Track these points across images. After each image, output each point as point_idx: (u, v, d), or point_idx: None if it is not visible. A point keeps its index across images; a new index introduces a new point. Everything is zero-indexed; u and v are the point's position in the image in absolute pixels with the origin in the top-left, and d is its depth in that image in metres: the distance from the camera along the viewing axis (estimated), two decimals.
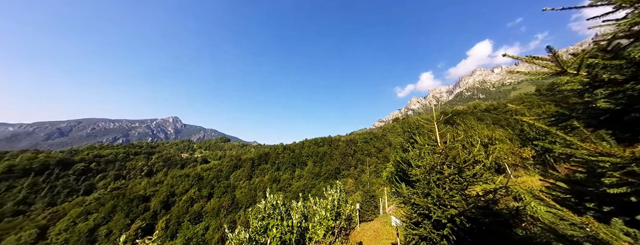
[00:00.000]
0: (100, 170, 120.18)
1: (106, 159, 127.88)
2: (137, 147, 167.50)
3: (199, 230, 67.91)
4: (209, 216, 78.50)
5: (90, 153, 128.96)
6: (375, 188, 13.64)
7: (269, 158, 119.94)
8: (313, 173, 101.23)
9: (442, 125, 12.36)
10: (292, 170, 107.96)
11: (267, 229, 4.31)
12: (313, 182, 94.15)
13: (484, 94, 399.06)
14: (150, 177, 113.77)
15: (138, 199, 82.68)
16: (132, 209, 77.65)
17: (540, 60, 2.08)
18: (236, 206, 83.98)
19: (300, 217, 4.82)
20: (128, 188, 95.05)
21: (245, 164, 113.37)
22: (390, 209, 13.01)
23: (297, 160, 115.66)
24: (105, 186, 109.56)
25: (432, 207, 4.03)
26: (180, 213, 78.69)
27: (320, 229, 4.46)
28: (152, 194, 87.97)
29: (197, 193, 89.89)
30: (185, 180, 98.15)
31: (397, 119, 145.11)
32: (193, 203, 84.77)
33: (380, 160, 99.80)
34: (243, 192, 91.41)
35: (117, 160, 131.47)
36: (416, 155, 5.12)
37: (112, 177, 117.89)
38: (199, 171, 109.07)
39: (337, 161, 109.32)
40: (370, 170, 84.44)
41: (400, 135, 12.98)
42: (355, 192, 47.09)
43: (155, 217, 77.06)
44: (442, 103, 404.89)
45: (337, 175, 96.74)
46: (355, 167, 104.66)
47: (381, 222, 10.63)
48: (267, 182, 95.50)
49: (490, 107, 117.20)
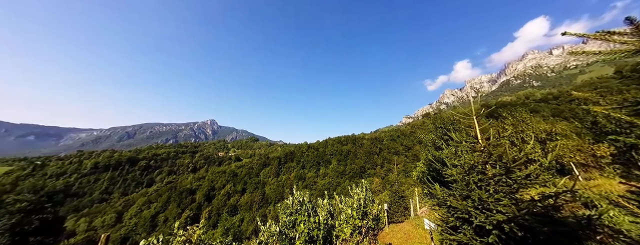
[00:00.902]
0: (157, 166, 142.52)
1: (161, 157, 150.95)
2: (183, 147, 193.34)
3: (236, 221, 74.88)
4: (243, 209, 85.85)
5: (149, 152, 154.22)
6: (405, 188, 12.80)
7: (294, 156, 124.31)
8: (337, 171, 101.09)
9: (483, 119, 10.94)
10: (317, 169, 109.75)
11: (295, 224, 4.48)
12: (338, 180, 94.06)
13: (539, 81, 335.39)
14: (195, 173, 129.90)
15: (186, 191, 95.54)
16: (182, 200, 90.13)
17: (618, 35, 1.65)
18: (266, 201, 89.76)
19: (327, 214, 4.89)
20: (178, 182, 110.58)
21: (272, 162, 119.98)
22: (422, 211, 12.11)
23: (321, 158, 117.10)
24: (161, 180, 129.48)
25: (473, 211, 3.61)
26: (220, 205, 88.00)
27: (347, 228, 4.44)
28: (196, 187, 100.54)
29: (233, 188, 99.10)
30: (222, 177, 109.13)
31: (428, 115, 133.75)
32: (229, 197, 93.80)
33: (410, 159, 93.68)
34: (272, 188, 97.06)
35: (169, 158, 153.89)
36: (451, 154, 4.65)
37: (166, 172, 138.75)
38: (234, 168, 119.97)
39: (361, 160, 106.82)
40: (399, 169, 79.98)
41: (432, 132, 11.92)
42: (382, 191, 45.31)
43: (200, 208, 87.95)
44: (483, 94, 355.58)
45: (363, 174, 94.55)
46: (382, 166, 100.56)
47: (412, 224, 9.99)
48: (293, 180, 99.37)
49: (549, 97, 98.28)
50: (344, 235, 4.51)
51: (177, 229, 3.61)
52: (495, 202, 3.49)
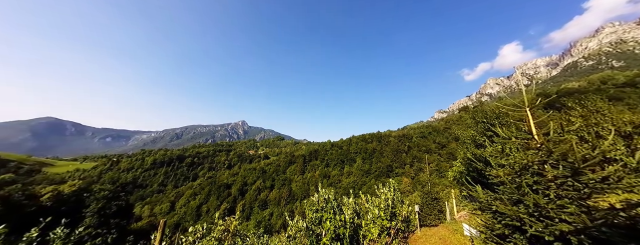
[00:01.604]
0: (200, 163, 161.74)
1: (202, 155, 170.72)
2: (220, 146, 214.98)
3: (266, 215, 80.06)
4: (272, 204, 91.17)
5: (193, 151, 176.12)
6: (439, 189, 11.61)
7: (319, 155, 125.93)
8: (362, 170, 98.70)
9: (539, 111, 9.24)
10: (341, 167, 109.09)
11: (321, 221, 4.54)
12: (363, 179, 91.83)
13: (621, 61, 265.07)
14: (230, 169, 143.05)
15: (223, 186, 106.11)
16: (220, 194, 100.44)
17: None
18: (293, 197, 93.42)
19: (352, 213, 4.82)
20: (217, 177, 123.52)
21: (298, 160, 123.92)
22: (460, 215, 10.91)
23: (345, 157, 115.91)
24: (203, 175, 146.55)
25: (527, 219, 3.08)
26: (252, 199, 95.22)
27: (374, 228, 4.31)
28: (232, 182, 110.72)
29: (262, 184, 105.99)
30: (253, 173, 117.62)
31: (466, 108, 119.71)
32: (260, 192, 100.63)
33: (444, 158, 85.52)
34: (298, 185, 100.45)
35: (209, 155, 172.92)
36: (497, 152, 4.07)
37: (206, 168, 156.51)
38: (263, 165, 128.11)
39: (388, 158, 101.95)
40: (431, 169, 73.71)
41: (472, 127, 10.58)
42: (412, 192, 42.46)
43: (235, 201, 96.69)
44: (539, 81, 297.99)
45: (389, 174, 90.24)
46: (411, 165, 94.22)
47: (449, 229, 9.11)
48: (318, 177, 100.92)
49: (637, 79, 77.30)
50: (371, 235, 4.39)
51: (217, 219, 4.04)
52: (558, 209, 2.92)
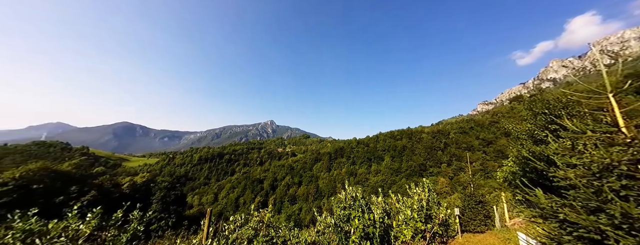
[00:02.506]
0: (236, 160, 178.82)
1: (238, 152, 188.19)
2: (252, 144, 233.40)
3: (296, 210, 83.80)
4: (301, 200, 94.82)
5: (230, 148, 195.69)
6: (485, 192, 10.09)
7: (344, 152, 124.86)
8: (391, 169, 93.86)
9: (630, 97, 7.24)
10: (368, 165, 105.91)
11: (349, 218, 4.51)
12: (392, 178, 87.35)
13: None
14: (262, 166, 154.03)
15: (256, 181, 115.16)
16: (254, 188, 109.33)
17: None
18: (320, 194, 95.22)
19: (382, 212, 4.65)
20: (251, 173, 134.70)
21: (323, 158, 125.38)
22: (514, 222, 9.37)
23: (372, 154, 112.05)
24: (239, 170, 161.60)
25: (611, 232, 2.45)
26: (282, 194, 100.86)
27: (407, 230, 4.07)
28: (263, 178, 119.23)
29: (291, 180, 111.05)
30: (282, 170, 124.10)
31: (520, 98, 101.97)
32: (289, 188, 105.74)
33: (490, 156, 74.85)
34: (324, 183, 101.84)
35: (243, 153, 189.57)
36: (565, 148, 3.36)
37: (242, 164, 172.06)
38: (291, 162, 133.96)
39: (420, 156, 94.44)
40: (474, 168, 65.36)
41: (528, 120, 8.89)
42: (450, 194, 38.34)
43: (267, 195, 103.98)
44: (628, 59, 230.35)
45: (423, 173, 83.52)
46: (449, 164, 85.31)
47: (499, 238, 7.94)
48: (344, 175, 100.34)
49: None
50: (403, 237, 4.16)
51: (252, 211, 4.41)
52: None
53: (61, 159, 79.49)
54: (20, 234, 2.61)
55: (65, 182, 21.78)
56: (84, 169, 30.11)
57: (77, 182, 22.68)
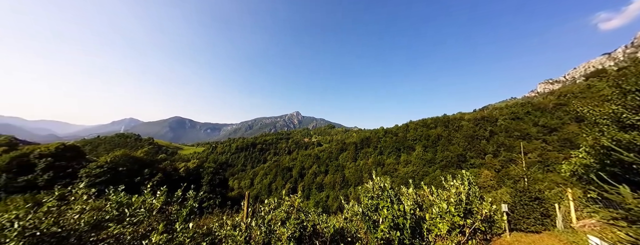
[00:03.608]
0: (267, 149, 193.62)
1: (268, 142, 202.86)
2: (280, 135, 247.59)
3: (323, 197, 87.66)
4: (327, 187, 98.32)
5: (261, 139, 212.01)
6: (543, 187, 8.46)
7: (371, 142, 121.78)
8: (424, 159, 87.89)
9: None
10: (397, 155, 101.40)
11: (377, 208, 4.46)
12: (425, 169, 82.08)
13: None
14: (290, 155, 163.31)
15: (286, 168, 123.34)
16: (284, 175, 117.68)
17: None
18: (346, 183, 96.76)
19: (413, 204, 4.46)
20: (280, 161, 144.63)
21: (349, 148, 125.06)
22: (583, 223, 7.84)
23: (401, 144, 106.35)
24: (270, 159, 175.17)
25: None
26: (309, 182, 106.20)
27: (442, 223, 3.82)
28: (292, 166, 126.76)
29: (318, 169, 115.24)
30: (309, 159, 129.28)
31: (602, 72, 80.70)
32: (316, 176, 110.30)
33: (554, 146, 62.97)
34: (351, 172, 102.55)
35: (273, 143, 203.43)
36: None
37: (272, 153, 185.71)
38: (317, 152, 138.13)
39: (459, 146, 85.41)
40: (530, 160, 56.16)
41: (615, 100, 6.92)
42: (497, 188, 34.18)
43: (296, 182, 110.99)
44: None
45: (461, 164, 75.88)
46: (495, 155, 75.18)
47: (561, 240, 6.82)
48: (371, 165, 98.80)
49: None
50: (437, 230, 3.93)
51: (284, 195, 4.76)
52: None
53: (135, 148, 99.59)
54: (114, 204, 3.42)
55: (140, 166, 27.35)
56: (151, 156, 37.14)
57: (147, 166, 28.22)
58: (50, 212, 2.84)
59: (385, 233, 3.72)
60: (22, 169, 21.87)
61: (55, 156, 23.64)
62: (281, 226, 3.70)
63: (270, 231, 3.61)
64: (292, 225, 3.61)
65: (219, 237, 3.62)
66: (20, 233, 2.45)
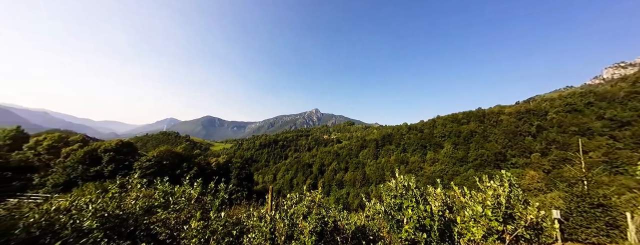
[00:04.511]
0: (287, 146, 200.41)
1: (289, 139, 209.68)
2: (300, 132, 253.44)
3: (343, 194, 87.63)
4: (348, 185, 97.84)
5: (283, 136, 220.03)
6: (610, 192, 6.92)
7: (393, 139, 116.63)
8: (454, 158, 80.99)
9: None
10: (423, 153, 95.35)
11: (401, 207, 4.29)
12: (455, 168, 75.67)
13: None
14: (310, 151, 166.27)
15: (306, 165, 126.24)
16: (304, 171, 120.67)
17: None
18: (367, 181, 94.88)
19: (442, 205, 4.17)
20: (301, 157, 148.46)
21: (369, 145, 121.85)
22: None
23: (428, 141, 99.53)
24: (291, 155, 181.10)
25: None
26: (329, 178, 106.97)
27: (476, 228, 3.50)
28: (312, 162, 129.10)
29: (337, 166, 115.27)
30: (329, 156, 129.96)
31: None
32: (336, 173, 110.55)
33: (625, 143, 52.26)
34: (372, 170, 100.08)
35: (293, 140, 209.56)
36: None
37: (293, 150, 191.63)
38: (336, 149, 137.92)
39: (498, 143, 76.41)
40: (591, 160, 47.41)
41: None
42: (545, 191, 29.80)
43: (316, 178, 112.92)
44: None
45: (500, 163, 67.90)
46: (545, 154, 65.50)
47: None
48: (393, 163, 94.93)
49: None
50: (471, 235, 3.62)
51: (305, 191, 4.88)
52: None
53: (175, 144, 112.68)
54: (161, 193, 3.94)
55: (179, 160, 30.92)
56: (188, 151, 41.64)
57: (185, 160, 31.75)
58: (114, 197, 3.40)
59: (410, 234, 3.56)
60: (93, 161, 26.65)
61: (116, 151, 28.19)
62: (303, 220, 3.82)
63: (292, 224, 3.75)
64: (314, 220, 3.70)
65: (247, 226, 3.91)
66: (93, 214, 3.00)
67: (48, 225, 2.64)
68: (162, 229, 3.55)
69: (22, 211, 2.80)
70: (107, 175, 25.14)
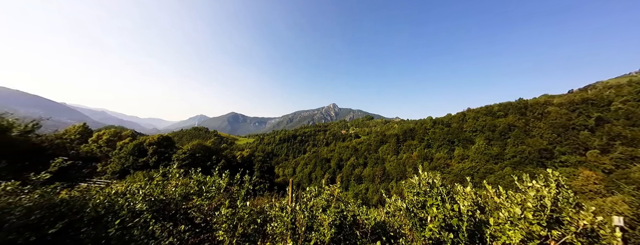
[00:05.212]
0: (306, 140, 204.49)
1: (307, 134, 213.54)
2: (318, 127, 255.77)
3: (362, 189, 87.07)
4: (366, 180, 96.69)
5: (301, 131, 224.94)
6: None
7: (416, 134, 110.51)
8: (487, 154, 73.80)
9: None
10: (450, 149, 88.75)
11: (425, 205, 4.10)
12: (488, 166, 69.05)
13: None
14: (328, 146, 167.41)
15: (324, 159, 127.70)
16: (323, 165, 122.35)
17: None
18: (387, 177, 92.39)
19: (472, 205, 3.87)
20: (319, 152, 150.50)
21: (390, 140, 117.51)
22: None
23: (456, 136, 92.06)
24: (309, 150, 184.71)
25: None
26: (348, 174, 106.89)
27: (513, 231, 3.19)
28: (330, 157, 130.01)
29: (356, 161, 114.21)
30: (347, 151, 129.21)
31: None
32: (354, 168, 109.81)
33: None
34: (392, 166, 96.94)
35: (311, 134, 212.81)
36: None
37: (311, 144, 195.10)
38: (354, 144, 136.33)
39: (544, 138, 67.17)
40: None
41: None
42: (603, 195, 25.56)
43: (334, 173, 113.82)
44: None
45: (545, 161, 59.91)
46: (606, 151, 55.74)
47: None
48: (416, 159, 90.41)
49: None
50: (507, 239, 3.32)
51: (324, 184, 4.96)
52: None
53: (205, 138, 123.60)
54: (196, 182, 4.40)
55: (209, 153, 33.92)
56: (216, 145, 45.36)
57: (214, 153, 34.70)
58: (158, 184, 3.90)
59: (435, 233, 3.39)
60: (140, 153, 30.80)
61: (158, 144, 32.10)
62: (322, 213, 3.91)
63: (312, 216, 3.87)
64: (333, 213, 3.75)
65: (269, 216, 4.15)
66: (143, 198, 3.50)
67: (110, 205, 3.16)
68: (197, 213, 3.98)
69: (91, 193, 3.40)
70: (151, 165, 28.93)
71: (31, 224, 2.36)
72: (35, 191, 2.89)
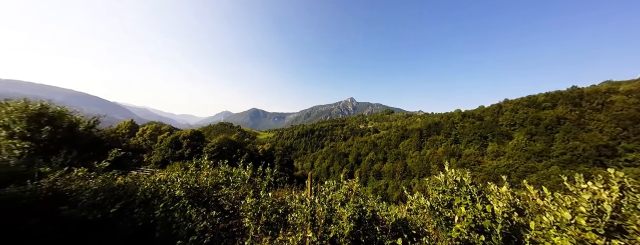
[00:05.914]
0: (323, 135, 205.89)
1: (324, 129, 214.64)
2: (335, 122, 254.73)
3: (382, 185, 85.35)
4: (386, 176, 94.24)
5: (318, 126, 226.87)
6: None
7: (441, 128, 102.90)
8: (529, 151, 65.65)
9: None
10: (482, 145, 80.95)
11: (451, 204, 3.85)
12: (529, 164, 61.56)
13: None
14: (345, 141, 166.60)
15: (342, 154, 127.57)
16: (340, 160, 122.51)
17: None
18: (409, 173, 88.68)
19: (508, 207, 3.52)
20: (337, 147, 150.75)
21: (412, 135, 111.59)
22: None
23: (489, 130, 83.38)
24: (327, 144, 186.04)
25: None
26: (366, 169, 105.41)
27: (560, 238, 2.84)
28: (348, 152, 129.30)
29: (375, 156, 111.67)
30: (365, 146, 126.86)
31: None
32: (373, 163, 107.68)
33: None
34: (414, 162, 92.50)
35: (329, 129, 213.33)
36: None
37: (329, 139, 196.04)
38: (373, 139, 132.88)
39: (604, 133, 57.15)
40: None
41: None
42: None
43: (352, 168, 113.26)
44: None
45: (606, 160, 51.15)
46: None
47: None
48: (441, 155, 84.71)
49: None
50: None
51: (342, 179, 4.97)
52: None
53: (230, 133, 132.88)
54: (224, 173, 4.79)
55: (234, 147, 36.50)
56: (240, 139, 48.50)
57: (239, 146, 37.22)
58: (193, 174, 4.35)
59: (462, 234, 3.17)
60: (176, 146, 34.59)
61: (190, 138, 35.62)
62: (341, 207, 3.94)
63: (331, 209, 3.93)
64: (352, 208, 3.76)
65: (290, 207, 4.34)
66: (181, 185, 3.94)
67: (155, 190, 3.64)
68: (226, 201, 4.36)
69: (140, 180, 3.96)
70: (186, 156, 32.36)
71: (97, 203, 2.86)
72: (98, 177, 3.47)
